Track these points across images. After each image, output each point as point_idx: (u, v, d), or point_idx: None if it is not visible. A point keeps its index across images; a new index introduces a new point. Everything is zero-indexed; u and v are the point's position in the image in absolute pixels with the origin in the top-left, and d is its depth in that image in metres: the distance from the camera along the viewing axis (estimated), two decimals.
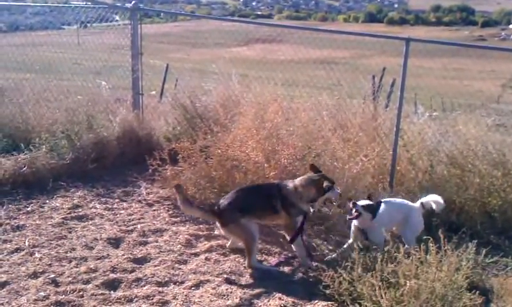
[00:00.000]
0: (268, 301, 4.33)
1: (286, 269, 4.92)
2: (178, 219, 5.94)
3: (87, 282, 4.45)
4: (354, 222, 5.04)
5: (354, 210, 4.91)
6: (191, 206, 5.21)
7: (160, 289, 4.40)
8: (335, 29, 8.72)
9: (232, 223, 4.93)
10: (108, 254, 4.99)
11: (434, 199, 5.23)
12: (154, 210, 6.20)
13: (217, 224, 5.15)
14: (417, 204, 5.28)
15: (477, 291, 4.12)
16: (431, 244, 4.18)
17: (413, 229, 5.15)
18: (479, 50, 8.81)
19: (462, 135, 6.46)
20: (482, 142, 6.30)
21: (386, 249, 4.57)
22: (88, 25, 9.71)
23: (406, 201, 5.40)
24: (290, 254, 5.17)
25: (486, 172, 6.07)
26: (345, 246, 5.11)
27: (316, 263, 4.91)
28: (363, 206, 4.90)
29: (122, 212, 6.13)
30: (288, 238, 5.02)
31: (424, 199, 5.29)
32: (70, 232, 5.48)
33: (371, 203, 4.98)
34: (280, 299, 4.37)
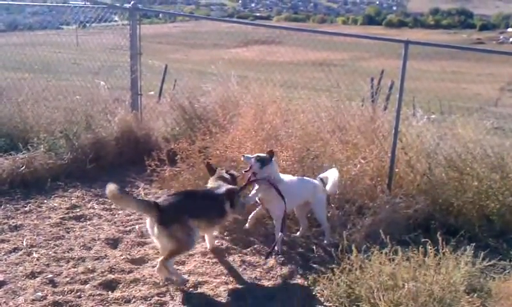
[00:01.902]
0: (266, 303, 4.33)
1: (285, 271, 4.90)
2: None
3: (85, 282, 4.44)
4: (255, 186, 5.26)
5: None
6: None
7: (158, 290, 4.39)
8: (334, 31, 8.75)
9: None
10: (106, 255, 4.98)
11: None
12: None
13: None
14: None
15: (475, 294, 4.13)
16: (429, 247, 4.19)
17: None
18: (478, 54, 8.83)
19: (460, 138, 6.47)
20: (480, 146, 6.32)
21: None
22: (87, 25, 9.70)
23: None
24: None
25: (484, 175, 6.08)
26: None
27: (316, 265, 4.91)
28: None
29: (120, 212, 6.12)
30: None
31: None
32: (68, 232, 5.47)
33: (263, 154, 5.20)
34: (278, 300, 4.38)
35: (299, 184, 5.48)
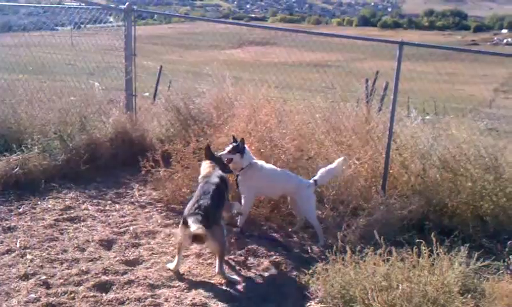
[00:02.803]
0: (261, 304, 4.33)
1: (279, 272, 4.91)
2: (171, 221, 5.93)
3: (78, 284, 4.42)
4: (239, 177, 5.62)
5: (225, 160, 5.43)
6: None
7: (152, 291, 4.38)
8: (329, 32, 8.75)
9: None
10: (100, 256, 4.96)
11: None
12: (147, 212, 6.18)
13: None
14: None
15: (469, 295, 4.14)
16: (424, 247, 4.20)
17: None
18: (472, 55, 8.84)
19: (454, 139, 6.49)
20: (474, 146, 6.33)
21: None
22: (82, 26, 9.68)
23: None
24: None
25: (478, 176, 6.09)
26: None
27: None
28: (229, 151, 5.47)
29: (114, 213, 6.11)
30: None
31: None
32: (61, 234, 5.45)
33: (235, 144, 5.47)
34: (273, 301, 4.38)
35: (276, 174, 5.71)
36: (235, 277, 4.74)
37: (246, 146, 5.60)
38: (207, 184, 4.92)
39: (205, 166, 5.28)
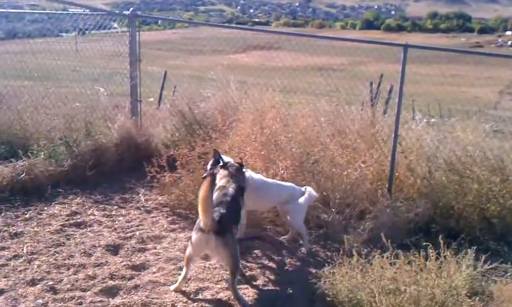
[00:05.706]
0: None
1: (286, 277, 4.90)
2: (177, 225, 5.93)
3: (85, 289, 4.42)
4: None
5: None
6: None
7: (159, 296, 4.38)
8: (333, 36, 8.73)
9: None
10: (107, 261, 4.97)
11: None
12: (153, 217, 6.19)
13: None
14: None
15: (477, 298, 4.12)
16: (431, 250, 4.19)
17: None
18: (477, 57, 8.88)
19: (460, 142, 6.47)
20: (480, 149, 6.32)
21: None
22: (86, 32, 9.71)
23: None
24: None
25: (484, 178, 6.07)
26: None
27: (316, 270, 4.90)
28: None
29: (121, 218, 6.12)
30: None
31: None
32: (68, 239, 5.46)
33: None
34: (279, 306, 4.36)
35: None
36: (245, 300, 4.40)
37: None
38: (225, 196, 4.71)
39: (222, 175, 5.05)
